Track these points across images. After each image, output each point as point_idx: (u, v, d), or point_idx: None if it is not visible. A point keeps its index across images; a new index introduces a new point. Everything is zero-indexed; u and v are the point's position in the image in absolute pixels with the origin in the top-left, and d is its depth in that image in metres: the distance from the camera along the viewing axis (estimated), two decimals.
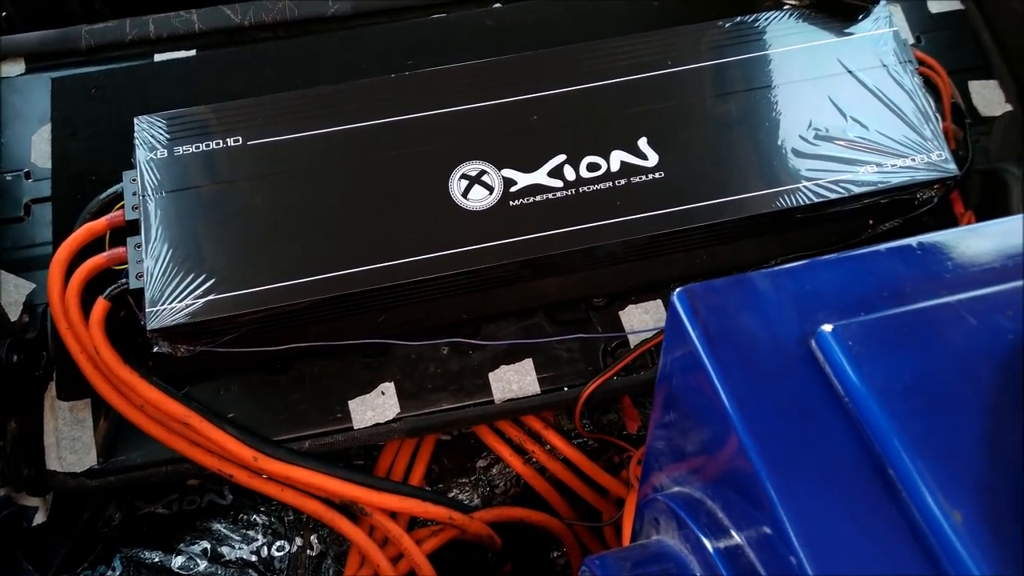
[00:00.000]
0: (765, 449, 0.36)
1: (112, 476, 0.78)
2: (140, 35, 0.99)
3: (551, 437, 0.89)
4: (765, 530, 0.36)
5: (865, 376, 0.35)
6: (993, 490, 0.32)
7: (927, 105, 0.84)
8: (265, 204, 0.79)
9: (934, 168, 0.81)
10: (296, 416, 0.80)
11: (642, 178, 0.81)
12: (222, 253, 0.76)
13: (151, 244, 0.76)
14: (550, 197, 0.80)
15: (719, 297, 0.40)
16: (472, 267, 0.78)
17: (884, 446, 0.34)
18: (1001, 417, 0.33)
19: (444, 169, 0.81)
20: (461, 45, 0.95)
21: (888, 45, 0.86)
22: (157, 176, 0.79)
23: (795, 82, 0.85)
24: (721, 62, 0.86)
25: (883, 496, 0.34)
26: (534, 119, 0.83)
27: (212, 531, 0.85)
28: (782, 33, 0.88)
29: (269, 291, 0.75)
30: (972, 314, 0.36)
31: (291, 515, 0.87)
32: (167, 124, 0.82)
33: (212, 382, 0.81)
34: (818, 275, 0.41)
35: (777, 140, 0.83)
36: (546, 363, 0.83)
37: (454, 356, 0.83)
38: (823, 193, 0.80)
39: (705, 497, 0.43)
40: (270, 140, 0.82)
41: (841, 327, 0.36)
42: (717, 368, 0.38)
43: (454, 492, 0.90)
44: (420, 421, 0.81)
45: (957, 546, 0.31)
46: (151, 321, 0.73)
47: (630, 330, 0.84)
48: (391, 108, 0.83)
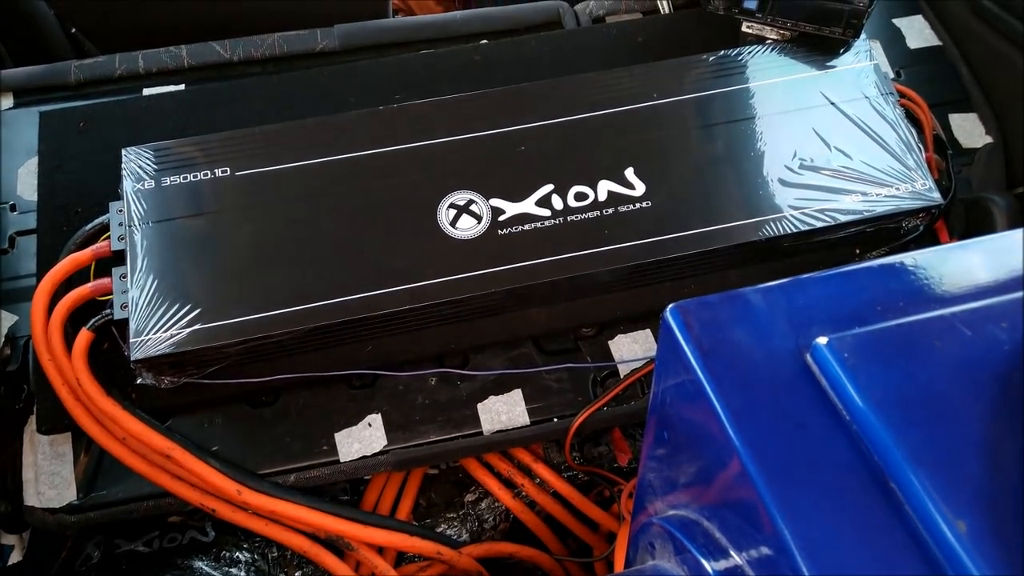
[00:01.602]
0: (764, 464, 0.35)
1: (92, 512, 0.76)
2: (129, 70, 1.00)
3: (540, 470, 0.87)
4: (766, 547, 0.35)
5: (862, 388, 0.34)
6: (995, 499, 0.31)
7: (910, 136, 0.85)
8: (252, 234, 0.79)
9: (918, 197, 0.82)
10: (281, 449, 0.79)
11: (629, 207, 0.81)
12: (208, 283, 0.76)
13: (137, 274, 0.75)
14: (538, 226, 0.80)
15: (712, 312, 0.40)
16: (461, 296, 0.77)
17: (884, 457, 0.33)
18: (1000, 425, 0.33)
19: (432, 199, 0.81)
20: (449, 80, 0.96)
21: (870, 78, 0.88)
22: (144, 206, 0.79)
23: (779, 113, 0.87)
24: (706, 94, 0.88)
25: (885, 508, 0.33)
26: (522, 150, 0.84)
27: (193, 569, 0.82)
28: (765, 66, 0.89)
29: (255, 321, 0.74)
30: (967, 326, 0.36)
31: (275, 551, 0.85)
32: (154, 155, 0.82)
33: (196, 415, 0.80)
34: (810, 290, 0.41)
35: (763, 170, 0.83)
36: (535, 394, 0.82)
37: (442, 387, 0.82)
38: (809, 221, 0.81)
39: (702, 518, 0.42)
40: (258, 171, 0.82)
41: (836, 340, 0.36)
42: (712, 382, 0.37)
43: (442, 527, 0.88)
44: (408, 453, 0.79)
45: (963, 556, 0.30)
46: (135, 351, 0.72)
47: (620, 360, 0.84)
48: (379, 139, 0.84)
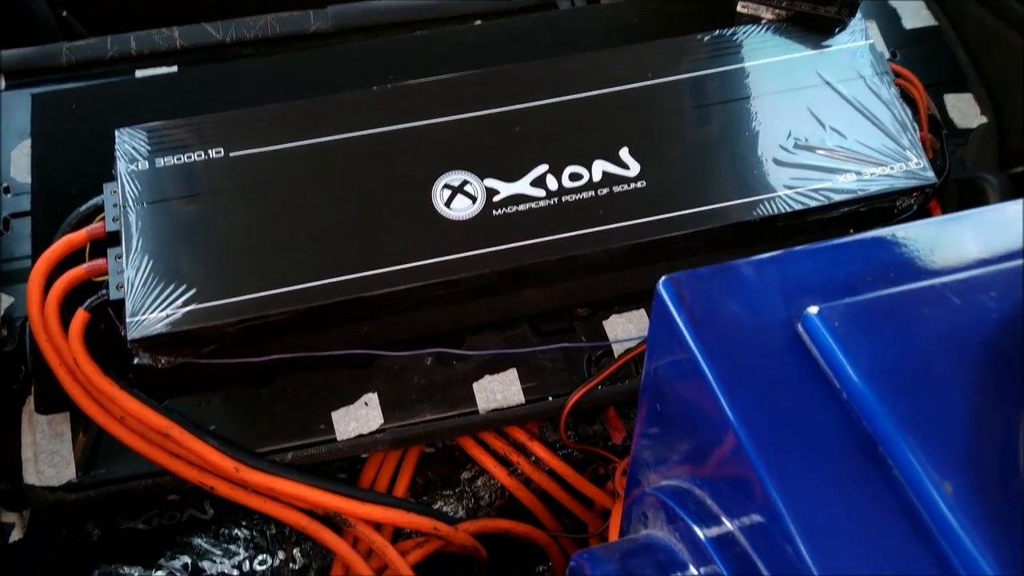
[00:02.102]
0: (755, 432, 0.36)
1: (91, 490, 0.76)
2: (121, 52, 0.99)
3: (536, 448, 0.88)
4: (757, 513, 0.36)
5: (852, 356, 0.35)
6: (981, 461, 0.32)
7: (904, 115, 0.85)
8: (247, 215, 0.79)
9: (912, 176, 0.82)
10: (278, 428, 0.79)
11: (624, 187, 0.82)
12: (203, 263, 0.76)
13: (132, 255, 0.75)
14: (533, 206, 0.81)
15: (704, 284, 0.41)
16: (455, 276, 0.78)
17: (873, 423, 0.34)
18: (986, 391, 0.34)
19: (427, 179, 0.81)
20: (442, 62, 0.96)
21: (865, 57, 0.88)
22: (138, 187, 0.79)
23: (774, 93, 0.87)
24: (701, 74, 0.88)
25: (873, 473, 0.34)
26: (517, 130, 0.84)
27: (193, 546, 0.83)
28: (760, 46, 0.89)
29: (250, 301, 0.75)
30: (956, 295, 0.37)
31: (273, 529, 0.86)
32: (148, 136, 0.82)
33: (193, 394, 0.80)
34: (802, 262, 0.41)
35: (757, 150, 0.84)
36: (530, 373, 0.83)
37: (438, 367, 0.83)
38: (804, 201, 0.81)
39: (694, 487, 0.42)
40: (252, 151, 0.82)
41: (827, 309, 0.37)
42: (704, 353, 0.38)
43: (438, 504, 0.89)
44: (404, 432, 0.80)
45: (948, 516, 0.30)
46: (132, 331, 0.72)
47: (614, 339, 0.84)
48: (374, 120, 0.84)
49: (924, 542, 0.32)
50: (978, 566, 0.30)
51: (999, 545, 0.30)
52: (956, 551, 0.31)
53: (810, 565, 0.33)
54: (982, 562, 0.30)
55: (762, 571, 0.37)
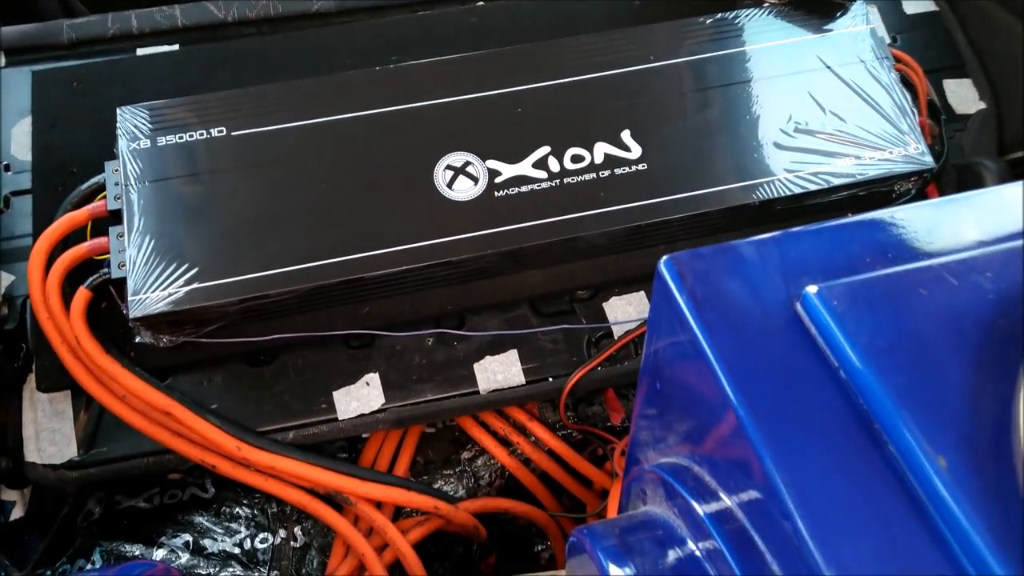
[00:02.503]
0: (753, 409, 0.37)
1: (93, 468, 0.77)
2: (122, 30, 0.99)
3: (536, 429, 0.89)
4: (755, 489, 0.37)
5: (850, 334, 0.35)
6: (975, 438, 0.32)
7: (904, 100, 0.86)
8: (249, 194, 0.79)
9: (911, 160, 0.83)
10: (280, 407, 0.80)
11: (626, 170, 0.82)
12: (205, 242, 0.76)
13: (134, 233, 0.76)
14: (535, 188, 0.81)
15: (705, 263, 0.41)
16: (457, 257, 0.78)
17: (870, 400, 0.34)
18: (982, 370, 0.34)
19: (429, 160, 0.81)
20: (445, 42, 0.96)
21: (866, 42, 0.88)
22: (140, 166, 0.79)
23: (775, 77, 0.87)
24: (703, 57, 0.88)
25: (871, 449, 0.34)
26: (519, 111, 0.84)
27: (194, 524, 0.84)
28: (762, 29, 0.89)
29: (252, 280, 0.75)
30: (953, 275, 0.37)
31: (274, 507, 0.86)
32: (150, 114, 0.82)
33: (195, 373, 0.80)
34: (802, 242, 0.42)
35: (758, 133, 0.84)
36: (531, 354, 0.83)
37: (439, 347, 0.83)
38: (803, 184, 0.81)
39: (693, 464, 0.43)
40: (255, 131, 0.82)
41: (826, 288, 0.37)
42: (704, 331, 0.38)
43: (439, 484, 0.89)
44: (405, 411, 0.80)
45: (942, 490, 0.31)
46: (134, 309, 0.73)
47: (614, 321, 0.85)
48: (376, 100, 0.84)
49: (919, 517, 0.32)
50: (971, 541, 0.31)
51: (993, 520, 0.31)
52: (950, 526, 0.32)
53: (808, 541, 0.33)
54: (975, 536, 0.31)
55: (760, 547, 0.38)
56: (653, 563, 0.44)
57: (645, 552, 0.44)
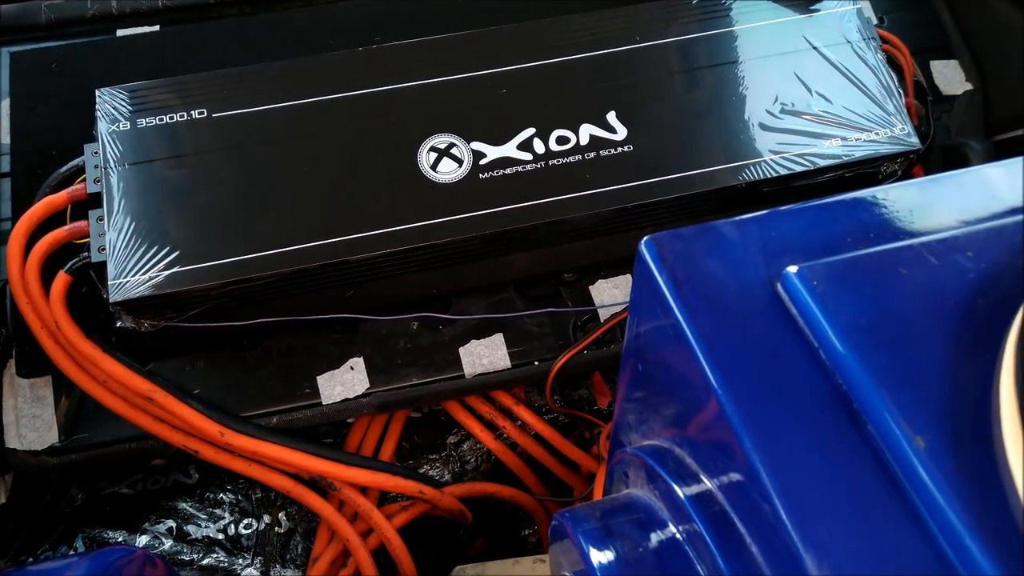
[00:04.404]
0: (733, 390, 0.36)
1: (74, 454, 0.76)
2: (102, 10, 0.97)
3: (522, 413, 0.89)
4: (735, 471, 0.36)
5: (830, 313, 0.35)
6: (954, 417, 0.32)
7: (890, 81, 0.85)
8: (231, 176, 0.78)
9: (897, 142, 0.82)
10: (264, 392, 0.79)
11: (611, 151, 0.81)
12: (187, 225, 0.75)
13: (114, 216, 0.75)
14: (520, 170, 0.80)
15: (686, 244, 0.41)
16: (442, 240, 0.77)
17: (848, 379, 0.34)
18: (961, 349, 0.34)
19: (413, 142, 0.80)
20: (429, 22, 0.94)
21: (852, 22, 0.88)
22: (120, 148, 0.78)
23: (761, 57, 0.86)
24: (689, 38, 0.87)
25: (850, 429, 0.34)
26: (503, 93, 0.83)
27: (177, 510, 0.83)
28: (748, 10, 0.88)
29: (235, 263, 0.74)
30: (934, 255, 0.37)
31: (259, 492, 0.86)
32: (130, 96, 0.81)
33: (177, 358, 0.80)
34: (783, 222, 0.41)
35: (744, 114, 0.83)
36: (517, 338, 0.83)
37: (424, 331, 0.83)
38: (789, 166, 0.81)
39: (674, 446, 0.43)
40: (236, 112, 0.81)
41: (806, 268, 0.37)
42: (684, 312, 0.38)
43: (424, 468, 0.89)
44: (390, 396, 0.80)
45: (919, 470, 0.31)
46: (114, 293, 0.72)
47: (600, 304, 0.85)
48: (359, 81, 0.83)
49: (898, 497, 0.32)
50: (948, 519, 0.31)
51: (969, 498, 0.31)
52: (927, 505, 0.32)
53: (786, 522, 0.33)
54: (952, 515, 0.31)
55: (740, 528, 0.38)
56: (634, 546, 0.44)
57: (626, 535, 0.44)
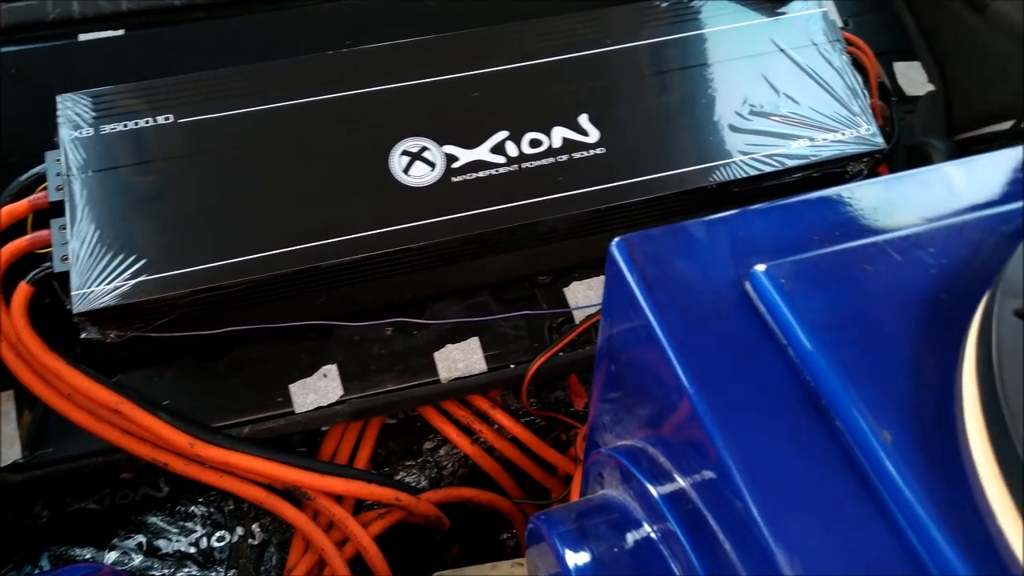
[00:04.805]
0: (704, 389, 0.36)
1: (39, 470, 0.75)
2: (63, 14, 0.95)
3: (498, 416, 0.88)
4: (707, 469, 0.37)
5: (797, 311, 0.35)
6: (919, 411, 0.33)
7: (855, 82, 0.86)
8: (198, 183, 0.77)
9: (863, 142, 0.84)
10: (235, 401, 0.78)
11: (584, 154, 0.82)
12: (153, 233, 0.74)
13: (77, 225, 0.73)
14: (493, 173, 0.80)
15: (656, 245, 0.41)
16: (415, 244, 0.77)
17: (816, 376, 0.34)
18: (925, 344, 0.35)
19: (384, 145, 0.80)
20: (400, 25, 0.94)
21: (818, 25, 0.89)
22: (82, 155, 0.76)
23: (730, 60, 0.87)
24: (659, 40, 0.88)
25: (819, 426, 0.34)
26: (476, 96, 0.83)
27: (147, 524, 0.82)
28: (717, 13, 0.89)
29: (203, 271, 0.73)
30: (898, 252, 0.37)
31: (231, 504, 0.85)
32: (92, 102, 0.79)
33: (145, 369, 0.78)
34: (751, 222, 0.42)
35: (714, 116, 0.84)
36: (492, 341, 0.83)
37: (398, 336, 0.82)
38: (758, 166, 0.82)
39: (647, 445, 0.43)
40: (203, 118, 0.80)
41: (774, 266, 0.37)
42: (655, 312, 0.38)
43: (401, 475, 0.89)
44: (364, 403, 0.79)
45: (887, 464, 0.31)
46: (78, 304, 0.70)
47: (575, 306, 0.85)
48: (329, 85, 0.82)
49: (866, 491, 0.32)
50: (915, 512, 0.31)
51: (935, 491, 0.31)
52: (895, 498, 0.32)
53: (758, 519, 0.33)
54: (919, 508, 0.31)
55: (713, 526, 0.38)
56: (609, 547, 0.44)
57: (601, 536, 0.44)
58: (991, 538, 0.29)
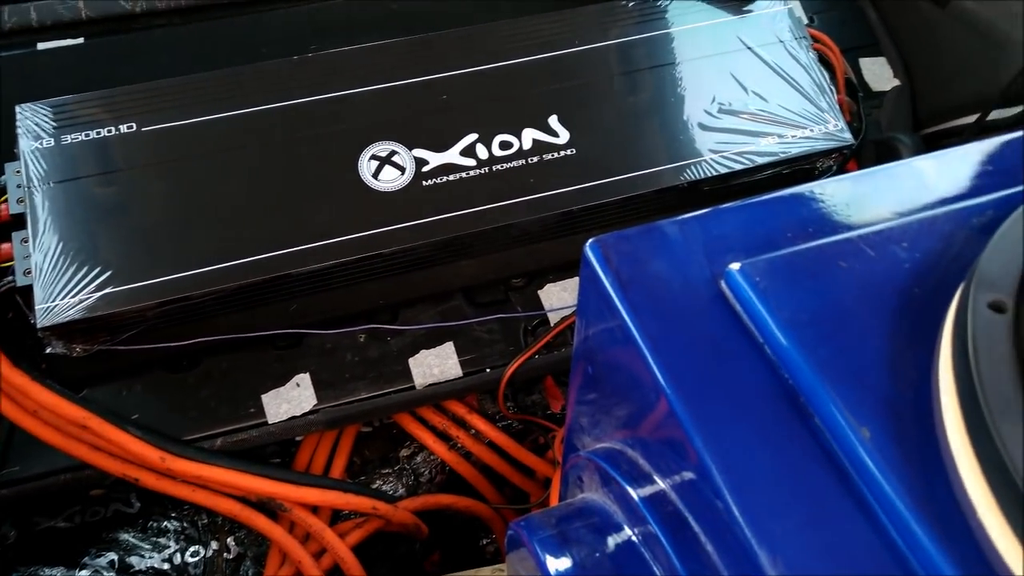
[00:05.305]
0: (681, 389, 0.36)
1: (5, 489, 0.73)
2: (21, 23, 0.93)
3: (475, 421, 0.88)
4: (687, 470, 0.36)
5: (773, 309, 0.35)
6: (896, 406, 0.33)
7: (822, 79, 0.87)
8: (163, 192, 0.75)
9: (831, 137, 0.84)
10: (206, 413, 0.77)
11: (554, 155, 0.81)
12: (118, 244, 0.72)
13: (39, 238, 0.71)
14: (463, 176, 0.79)
15: (630, 245, 0.40)
16: (386, 249, 0.76)
17: (793, 373, 0.34)
18: (900, 338, 0.35)
19: (353, 150, 0.79)
20: (366, 29, 0.93)
21: (784, 22, 0.90)
22: (43, 166, 0.75)
23: (698, 58, 0.87)
24: (627, 40, 0.88)
25: (798, 423, 0.34)
26: (444, 99, 0.82)
27: (119, 541, 0.80)
28: (684, 12, 0.90)
29: (170, 282, 0.72)
30: (870, 247, 0.38)
31: (205, 518, 0.83)
32: (53, 112, 0.77)
33: (112, 383, 0.77)
34: (725, 220, 0.41)
35: (683, 115, 0.84)
36: (467, 346, 0.82)
37: (372, 343, 0.81)
38: (729, 164, 0.82)
39: (626, 447, 0.42)
40: (167, 126, 0.78)
41: (748, 265, 0.37)
42: (631, 313, 0.38)
43: (378, 484, 0.87)
44: (339, 411, 0.78)
45: (866, 460, 0.31)
46: (42, 318, 0.69)
47: (550, 308, 0.84)
48: (296, 90, 0.81)
49: (846, 488, 0.32)
50: (895, 507, 0.31)
51: (915, 486, 0.31)
52: (875, 494, 0.32)
53: (739, 519, 0.33)
54: (899, 503, 0.31)
55: (694, 527, 0.38)
56: (591, 551, 0.44)
57: (582, 540, 0.44)
58: (971, 531, 0.29)
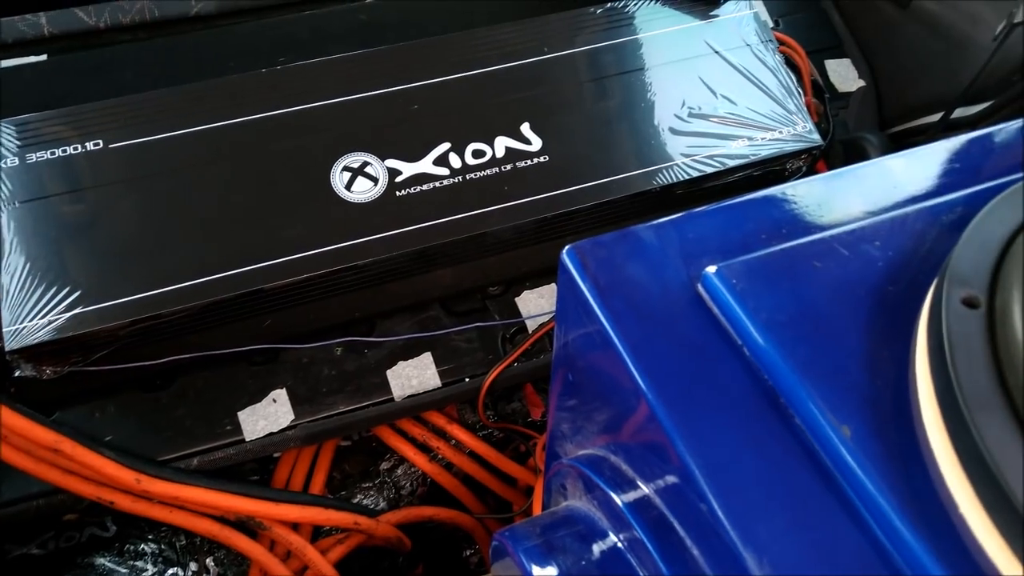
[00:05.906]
0: (662, 393, 0.36)
1: None
2: None
3: (455, 431, 0.87)
4: (670, 474, 0.36)
5: (750, 310, 0.36)
6: (876, 402, 0.33)
7: (789, 81, 0.88)
8: (132, 209, 0.74)
9: (800, 139, 0.85)
10: (181, 433, 0.75)
11: (527, 162, 0.81)
12: (88, 263, 0.71)
13: (6, 259, 0.70)
14: (437, 185, 0.79)
15: (607, 250, 0.40)
16: (361, 261, 0.75)
17: (773, 375, 0.34)
18: (876, 335, 0.35)
19: (325, 162, 0.78)
20: (334, 41, 0.93)
21: (750, 26, 0.91)
22: (8, 186, 0.73)
23: (666, 63, 0.88)
24: (595, 47, 0.88)
25: (779, 424, 0.34)
26: (415, 108, 0.82)
27: (95, 567, 0.78)
28: (651, 17, 0.90)
29: (142, 300, 0.71)
30: (844, 246, 0.38)
31: (183, 539, 0.82)
32: (17, 130, 0.76)
33: (85, 405, 0.75)
34: (700, 223, 0.42)
35: (654, 120, 0.85)
36: (445, 355, 0.82)
37: (349, 356, 0.80)
38: (700, 168, 0.83)
39: (609, 454, 0.42)
40: (134, 142, 0.77)
41: (724, 267, 0.37)
42: (609, 317, 0.38)
43: (358, 498, 0.87)
44: (317, 426, 0.77)
45: (848, 458, 0.31)
46: (10, 341, 0.67)
47: (527, 315, 0.84)
48: (265, 103, 0.80)
49: (829, 487, 0.32)
50: (878, 504, 0.31)
51: (897, 483, 0.31)
52: (857, 492, 0.32)
53: (724, 521, 0.33)
54: (882, 501, 0.31)
55: (679, 532, 0.38)
56: (576, 559, 0.43)
57: (567, 549, 0.44)
58: (954, 527, 0.30)
